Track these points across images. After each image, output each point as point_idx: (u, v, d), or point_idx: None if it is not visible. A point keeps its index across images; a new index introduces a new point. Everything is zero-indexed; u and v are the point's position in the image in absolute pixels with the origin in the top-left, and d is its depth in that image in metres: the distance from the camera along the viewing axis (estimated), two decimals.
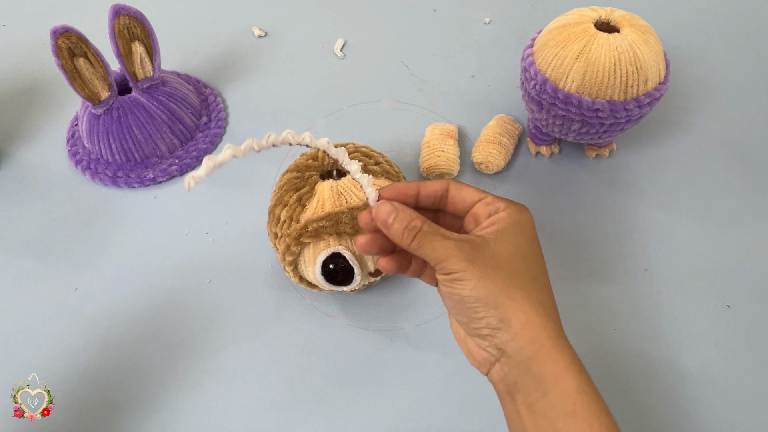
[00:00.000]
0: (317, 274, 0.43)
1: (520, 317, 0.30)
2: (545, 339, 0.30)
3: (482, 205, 0.34)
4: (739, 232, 0.53)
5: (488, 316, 0.31)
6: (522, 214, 0.34)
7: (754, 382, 0.45)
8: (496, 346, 0.31)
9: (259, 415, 0.44)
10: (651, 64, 0.48)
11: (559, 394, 0.29)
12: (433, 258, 0.32)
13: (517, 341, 0.30)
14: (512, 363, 0.31)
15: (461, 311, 0.32)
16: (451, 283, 0.32)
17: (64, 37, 0.51)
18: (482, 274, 0.31)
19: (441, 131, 0.58)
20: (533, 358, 0.30)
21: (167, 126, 0.59)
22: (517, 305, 0.31)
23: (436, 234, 0.33)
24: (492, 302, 0.31)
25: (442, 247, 0.32)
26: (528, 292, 0.31)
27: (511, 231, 0.33)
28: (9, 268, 0.53)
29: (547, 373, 0.30)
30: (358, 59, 0.71)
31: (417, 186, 0.35)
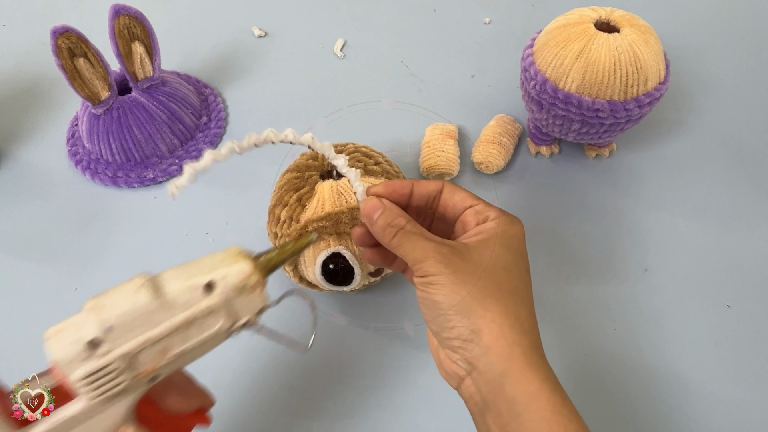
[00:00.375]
0: (317, 274, 0.43)
1: (492, 329, 0.29)
2: (518, 356, 0.29)
3: (472, 213, 0.34)
4: (739, 232, 0.53)
5: (460, 325, 0.30)
6: (511, 226, 0.33)
7: (754, 382, 0.45)
8: (467, 360, 0.30)
9: (259, 416, 0.44)
10: (651, 64, 0.48)
11: (533, 416, 0.28)
12: (411, 258, 0.32)
13: (488, 356, 0.29)
14: (483, 380, 0.29)
15: (433, 319, 0.31)
16: (425, 287, 0.31)
17: (64, 37, 0.51)
18: (457, 279, 0.30)
19: (441, 131, 0.58)
20: (505, 376, 0.28)
21: (167, 126, 0.59)
22: (490, 316, 0.29)
23: (417, 234, 0.32)
24: (465, 310, 0.30)
25: (421, 248, 0.31)
26: (505, 304, 0.30)
27: (497, 240, 0.32)
28: (9, 268, 0.53)
29: (519, 394, 0.28)
30: (358, 59, 0.71)
31: (411, 184, 0.35)
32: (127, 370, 0.24)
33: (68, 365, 0.23)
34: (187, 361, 0.27)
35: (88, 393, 0.24)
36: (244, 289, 0.26)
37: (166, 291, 0.25)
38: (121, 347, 0.24)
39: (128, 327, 0.24)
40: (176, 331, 0.25)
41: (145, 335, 0.24)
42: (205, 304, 0.25)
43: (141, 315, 0.24)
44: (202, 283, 0.25)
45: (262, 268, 0.27)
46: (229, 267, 0.26)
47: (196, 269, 0.26)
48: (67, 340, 0.23)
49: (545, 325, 0.48)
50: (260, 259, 0.28)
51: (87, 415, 0.25)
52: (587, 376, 0.45)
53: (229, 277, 0.26)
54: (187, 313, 0.25)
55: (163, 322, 0.24)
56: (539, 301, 0.49)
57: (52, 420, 0.24)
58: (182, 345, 0.25)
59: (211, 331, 0.26)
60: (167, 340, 0.25)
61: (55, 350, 0.23)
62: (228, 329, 0.27)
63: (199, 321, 0.25)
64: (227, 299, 0.26)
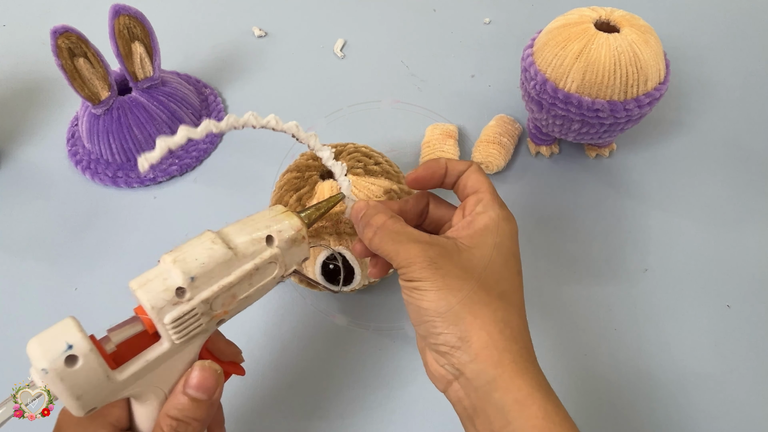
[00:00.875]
0: (317, 274, 0.43)
1: (481, 337, 0.28)
2: (508, 363, 0.28)
3: (473, 199, 0.33)
4: (739, 232, 0.53)
5: (447, 332, 0.29)
6: (504, 224, 0.32)
7: (754, 382, 0.45)
8: (454, 365, 0.29)
9: (259, 416, 0.44)
10: (651, 64, 0.48)
11: (523, 424, 0.27)
12: (396, 261, 0.30)
13: (477, 363, 0.28)
14: (471, 386, 0.28)
15: (419, 324, 0.30)
16: (410, 292, 0.30)
17: (64, 37, 0.51)
18: (445, 285, 0.29)
19: (441, 131, 0.58)
20: (494, 384, 0.28)
21: (167, 126, 0.59)
22: (479, 323, 0.28)
23: (400, 233, 0.31)
24: (452, 318, 0.29)
25: (405, 250, 0.30)
26: (494, 310, 0.29)
27: (487, 239, 0.31)
28: (9, 268, 0.53)
29: (509, 401, 0.27)
30: (358, 59, 0.71)
31: (446, 163, 0.34)
32: (205, 314, 0.28)
33: (159, 311, 0.26)
34: (247, 304, 0.30)
35: (175, 334, 0.27)
36: (296, 241, 0.30)
37: (236, 243, 0.28)
38: (202, 293, 0.27)
39: (208, 276, 0.27)
40: (245, 278, 0.28)
41: (221, 282, 0.27)
42: (268, 254, 0.29)
43: (218, 265, 0.27)
44: (264, 236, 0.29)
45: (306, 221, 0.31)
46: (282, 222, 0.30)
47: (254, 225, 0.29)
48: (157, 289, 0.26)
49: (545, 325, 0.48)
50: (303, 214, 0.31)
51: (170, 355, 0.28)
52: (587, 376, 0.45)
53: (285, 231, 0.30)
54: (255, 261, 0.28)
55: (235, 270, 0.28)
56: (539, 301, 0.49)
57: (144, 358, 0.27)
58: (248, 290, 0.29)
59: (270, 277, 0.30)
60: (237, 287, 0.28)
61: (148, 298, 0.26)
62: (281, 276, 0.30)
63: (262, 269, 0.29)
64: (283, 250, 0.29)
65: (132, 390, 0.27)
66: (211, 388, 0.29)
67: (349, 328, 0.48)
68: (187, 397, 0.29)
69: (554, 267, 0.51)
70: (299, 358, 0.46)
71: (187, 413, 0.29)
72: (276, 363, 0.46)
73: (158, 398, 0.29)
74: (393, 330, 0.48)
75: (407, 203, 0.36)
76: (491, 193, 0.33)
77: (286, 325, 0.48)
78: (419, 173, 0.34)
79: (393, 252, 0.31)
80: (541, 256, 0.52)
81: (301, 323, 0.48)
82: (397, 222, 0.32)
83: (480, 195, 0.33)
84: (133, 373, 0.26)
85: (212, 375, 0.30)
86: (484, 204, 0.32)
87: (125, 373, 0.26)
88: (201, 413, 0.29)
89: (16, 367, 0.47)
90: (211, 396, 0.30)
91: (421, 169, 0.34)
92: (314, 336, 0.48)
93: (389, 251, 0.31)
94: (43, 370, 0.24)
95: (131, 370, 0.26)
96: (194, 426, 0.29)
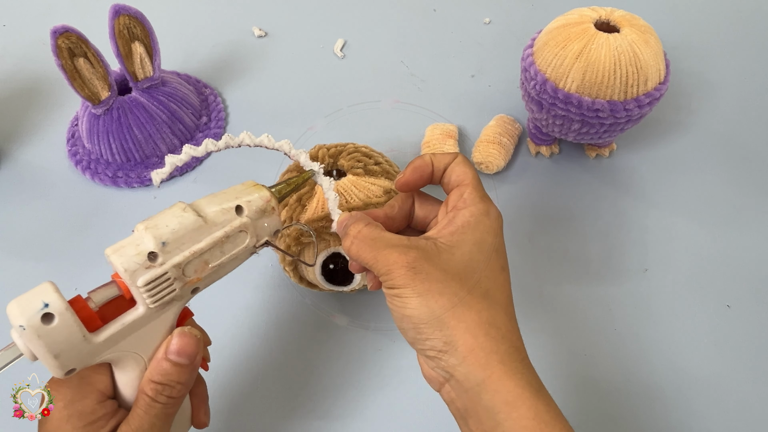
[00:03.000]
0: (317, 274, 0.43)
1: (467, 340, 0.28)
2: (496, 364, 0.27)
3: (456, 193, 0.32)
4: (739, 232, 0.53)
5: (433, 338, 0.28)
6: (486, 218, 0.31)
7: (754, 382, 0.45)
8: (444, 368, 0.29)
9: (259, 415, 0.44)
10: (651, 64, 0.48)
11: (513, 424, 0.27)
12: (376, 269, 0.30)
13: (465, 366, 0.28)
14: (461, 389, 0.28)
15: (405, 331, 0.30)
16: (392, 299, 0.30)
17: (64, 37, 0.51)
18: (425, 290, 0.28)
19: (441, 131, 0.58)
20: (483, 386, 0.27)
21: (167, 126, 0.59)
22: (464, 326, 0.28)
23: (377, 241, 0.30)
24: (436, 323, 0.28)
25: (383, 258, 0.29)
26: (478, 311, 0.28)
27: (468, 237, 0.30)
28: (9, 268, 0.53)
29: (499, 403, 0.27)
30: (358, 59, 0.71)
31: (430, 160, 0.34)
32: (178, 279, 0.29)
33: (132, 274, 0.27)
34: (221, 274, 0.31)
35: (148, 298, 0.28)
36: (265, 212, 0.32)
37: (206, 212, 0.30)
38: (173, 258, 0.28)
39: (179, 242, 0.28)
40: (216, 245, 0.30)
41: (192, 248, 0.29)
42: (238, 222, 0.30)
43: (188, 231, 0.29)
44: (233, 206, 0.30)
45: (276, 195, 0.33)
46: (252, 194, 0.31)
47: (223, 197, 0.31)
48: (130, 253, 0.27)
49: (545, 325, 0.48)
50: (273, 188, 0.33)
51: (146, 320, 0.29)
52: (587, 376, 0.45)
53: (254, 201, 0.31)
54: (225, 229, 0.30)
55: (206, 237, 0.29)
56: (539, 301, 0.49)
57: (121, 322, 0.28)
58: (220, 258, 0.30)
59: (241, 246, 0.31)
60: (209, 254, 0.30)
61: (121, 262, 0.27)
62: (253, 246, 0.32)
63: (233, 237, 0.30)
64: (253, 220, 0.31)
65: (111, 354, 0.28)
66: (192, 352, 0.30)
67: (349, 328, 0.48)
68: (169, 362, 0.30)
69: (554, 267, 0.51)
70: (299, 358, 0.46)
71: (171, 377, 0.30)
72: (276, 363, 0.46)
73: (139, 366, 0.30)
74: (393, 330, 0.48)
75: (393, 208, 0.35)
76: (473, 186, 0.32)
77: (286, 325, 0.48)
78: (408, 176, 0.34)
79: (372, 260, 0.30)
80: (541, 256, 0.52)
81: (301, 323, 0.48)
82: (374, 229, 0.31)
83: (462, 188, 0.32)
84: (109, 336, 0.27)
85: (192, 340, 0.30)
86: (465, 198, 0.31)
87: (102, 336, 0.27)
88: (184, 377, 0.30)
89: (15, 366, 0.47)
90: (193, 360, 0.31)
91: (408, 171, 0.34)
92: (314, 336, 0.48)
93: (368, 259, 0.30)
94: (21, 326, 0.25)
95: (108, 333, 0.27)
96: (178, 389, 0.30)
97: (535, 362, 0.30)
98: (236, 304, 0.49)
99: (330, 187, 0.36)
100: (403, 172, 0.34)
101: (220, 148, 0.32)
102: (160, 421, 0.30)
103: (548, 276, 0.50)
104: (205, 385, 0.35)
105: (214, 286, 0.52)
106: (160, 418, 0.30)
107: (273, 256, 0.52)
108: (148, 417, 0.29)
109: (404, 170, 0.34)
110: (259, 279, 0.51)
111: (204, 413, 0.35)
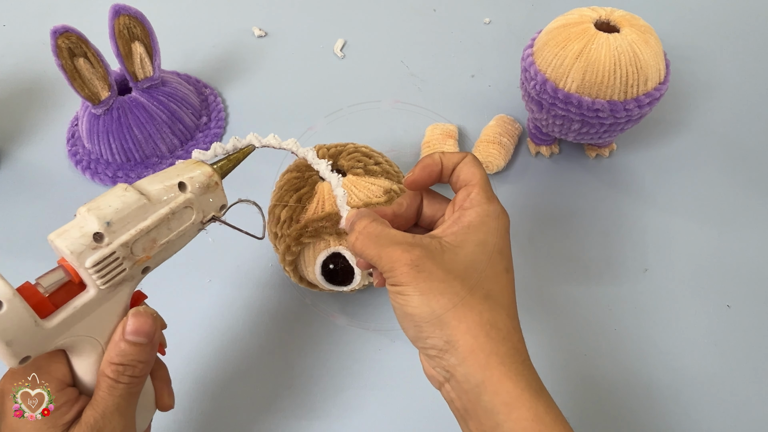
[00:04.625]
0: (317, 274, 0.43)
1: (467, 341, 0.28)
2: (496, 365, 0.27)
3: (463, 193, 0.32)
4: (739, 232, 0.53)
5: (433, 336, 0.28)
6: (493, 220, 0.31)
7: (754, 382, 0.45)
8: (444, 368, 0.29)
9: (259, 416, 0.44)
10: (651, 64, 0.48)
11: (513, 425, 0.27)
12: (380, 266, 0.30)
13: (465, 366, 0.28)
14: (461, 389, 0.28)
15: (407, 329, 0.30)
16: (395, 296, 0.30)
17: (64, 37, 0.51)
18: (428, 288, 0.28)
19: (441, 131, 0.58)
20: (483, 387, 0.27)
21: (167, 126, 0.59)
22: (464, 327, 0.28)
23: (381, 237, 0.30)
24: (437, 322, 0.28)
25: (387, 255, 0.29)
26: (479, 312, 0.28)
27: (472, 237, 0.30)
28: (9, 268, 0.52)
29: (498, 404, 0.27)
30: (358, 59, 0.71)
31: (440, 159, 0.33)
32: (127, 259, 0.29)
33: (79, 256, 0.27)
34: (170, 252, 0.32)
35: (98, 279, 0.28)
36: (209, 188, 0.32)
37: (149, 191, 0.30)
38: (120, 237, 0.28)
39: (124, 221, 0.28)
40: (162, 222, 0.30)
41: (138, 226, 0.29)
42: (182, 198, 0.30)
43: (133, 210, 0.29)
44: (176, 183, 0.30)
45: (218, 171, 0.33)
46: (193, 171, 0.32)
47: (165, 175, 0.31)
48: (74, 236, 0.27)
49: (545, 325, 0.48)
50: (216, 165, 0.33)
51: (98, 302, 0.29)
52: (587, 376, 0.45)
53: (196, 177, 0.31)
54: (171, 205, 0.30)
55: (151, 215, 0.29)
56: (539, 301, 0.49)
57: (72, 305, 0.28)
58: (167, 235, 0.30)
59: (188, 222, 0.31)
60: (155, 231, 0.30)
61: (66, 245, 0.27)
62: (200, 222, 0.32)
63: (178, 214, 0.30)
64: (197, 195, 0.31)
65: (65, 339, 0.28)
66: (150, 330, 0.30)
67: (349, 328, 0.48)
68: (127, 342, 0.30)
69: (554, 267, 0.51)
70: (299, 358, 0.46)
71: (131, 357, 0.30)
72: (276, 363, 0.46)
73: (96, 350, 0.30)
74: (393, 330, 0.48)
75: (401, 206, 0.35)
76: (481, 186, 0.32)
77: (286, 325, 0.48)
78: (416, 175, 0.34)
79: (375, 256, 0.30)
80: (541, 256, 0.52)
81: (301, 323, 0.48)
82: (378, 225, 0.31)
83: (470, 188, 0.32)
84: (62, 321, 0.27)
85: (148, 318, 0.30)
86: (471, 198, 0.31)
87: (54, 321, 0.27)
88: (144, 355, 0.30)
89: None
90: (152, 338, 0.31)
91: (417, 170, 0.34)
92: (314, 336, 0.48)
93: (372, 255, 0.30)
94: None
95: (60, 318, 0.27)
96: (140, 368, 0.30)
97: (535, 362, 0.30)
98: (236, 303, 0.49)
99: (338, 184, 0.35)
100: (412, 170, 0.34)
101: (227, 150, 0.34)
102: (124, 401, 0.30)
103: (548, 276, 0.50)
104: (166, 369, 0.35)
105: (215, 286, 0.52)
106: (125, 398, 0.30)
107: (273, 256, 0.52)
108: (113, 398, 0.29)
109: (413, 168, 0.34)
110: (259, 279, 0.51)
111: (168, 395, 0.35)
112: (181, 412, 0.44)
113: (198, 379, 0.46)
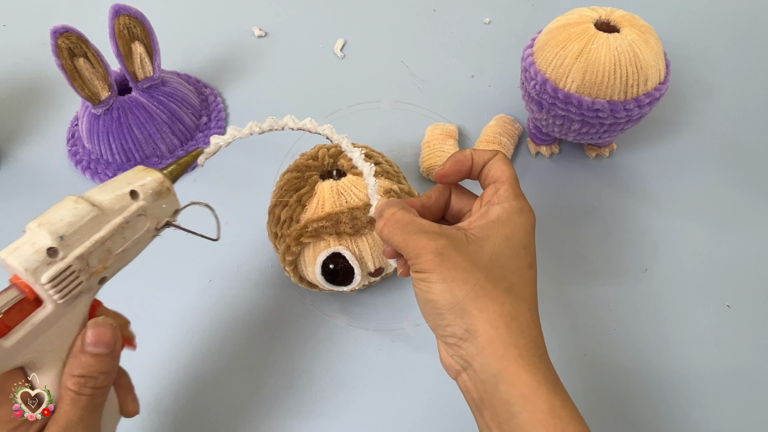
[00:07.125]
0: (317, 274, 0.43)
1: (487, 331, 0.28)
2: (514, 357, 0.28)
3: (491, 189, 0.33)
4: (739, 232, 0.53)
5: (454, 324, 0.29)
6: (518, 216, 0.31)
7: (754, 382, 0.45)
8: (462, 357, 0.29)
9: (259, 416, 0.44)
10: (651, 64, 0.48)
11: (529, 417, 0.27)
12: (406, 252, 0.31)
13: (483, 356, 0.28)
14: (478, 379, 0.29)
15: (428, 316, 0.31)
16: (418, 283, 0.30)
17: (64, 37, 0.51)
18: (451, 277, 0.29)
19: (441, 131, 0.58)
20: (500, 378, 0.28)
21: (167, 126, 0.59)
22: (485, 317, 0.28)
23: (409, 225, 0.31)
24: (458, 311, 0.29)
25: (413, 242, 0.30)
26: (501, 304, 0.29)
27: (498, 231, 0.31)
28: None
29: (515, 395, 0.28)
30: (358, 59, 0.71)
31: (471, 155, 0.34)
32: (83, 271, 0.28)
33: (34, 273, 0.27)
34: (126, 261, 0.31)
35: (55, 295, 0.27)
36: (161, 194, 0.32)
37: (100, 201, 0.29)
38: (75, 251, 0.28)
39: (77, 234, 0.28)
40: (116, 232, 0.29)
41: (92, 238, 0.28)
42: (135, 206, 0.30)
43: (85, 222, 0.28)
44: (128, 192, 0.30)
45: (169, 176, 0.33)
46: (144, 178, 0.31)
47: (115, 184, 0.31)
48: (27, 252, 0.27)
49: (545, 325, 0.47)
50: (165, 170, 0.33)
51: (56, 317, 0.28)
52: (587, 376, 0.45)
53: (147, 184, 0.31)
54: (124, 214, 0.30)
55: (105, 225, 0.29)
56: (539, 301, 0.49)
57: (30, 323, 0.27)
58: (123, 245, 0.30)
59: (143, 230, 0.31)
60: (110, 242, 0.29)
61: (19, 262, 0.26)
62: (155, 228, 0.32)
63: (132, 222, 0.30)
64: (150, 202, 0.31)
65: (25, 357, 0.28)
66: (110, 341, 0.30)
67: (349, 328, 0.48)
68: (88, 354, 0.29)
69: (554, 267, 0.51)
70: (299, 358, 0.46)
71: (92, 369, 0.29)
72: (275, 363, 0.46)
73: (56, 365, 0.30)
74: (393, 330, 0.48)
75: (430, 198, 0.36)
76: (509, 183, 0.33)
77: (286, 325, 0.48)
78: (447, 169, 0.34)
79: (402, 243, 0.31)
80: (541, 256, 0.51)
81: (301, 323, 0.48)
82: (407, 213, 0.32)
83: (498, 185, 0.33)
84: (20, 339, 0.27)
85: (108, 328, 0.30)
86: (500, 194, 0.32)
87: (11, 340, 0.26)
88: (105, 366, 0.30)
89: None
90: (112, 348, 0.30)
91: (449, 164, 0.34)
92: (314, 336, 0.48)
93: (398, 242, 0.31)
94: None
95: (17, 336, 0.27)
96: (102, 379, 0.30)
97: None
98: (236, 303, 0.49)
99: (370, 173, 0.35)
100: (443, 164, 0.35)
101: (264, 130, 0.33)
102: (88, 413, 0.30)
103: (548, 276, 0.50)
104: (128, 376, 0.35)
105: (215, 286, 0.52)
106: (88, 410, 0.30)
107: (273, 256, 0.52)
108: (76, 410, 0.29)
109: (444, 162, 0.35)
110: (259, 279, 0.51)
111: (131, 401, 0.34)
112: (181, 411, 0.44)
113: (198, 378, 0.46)
